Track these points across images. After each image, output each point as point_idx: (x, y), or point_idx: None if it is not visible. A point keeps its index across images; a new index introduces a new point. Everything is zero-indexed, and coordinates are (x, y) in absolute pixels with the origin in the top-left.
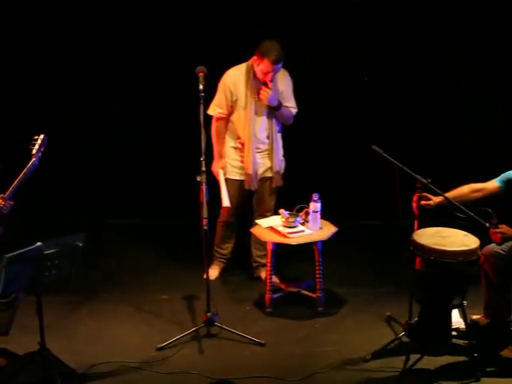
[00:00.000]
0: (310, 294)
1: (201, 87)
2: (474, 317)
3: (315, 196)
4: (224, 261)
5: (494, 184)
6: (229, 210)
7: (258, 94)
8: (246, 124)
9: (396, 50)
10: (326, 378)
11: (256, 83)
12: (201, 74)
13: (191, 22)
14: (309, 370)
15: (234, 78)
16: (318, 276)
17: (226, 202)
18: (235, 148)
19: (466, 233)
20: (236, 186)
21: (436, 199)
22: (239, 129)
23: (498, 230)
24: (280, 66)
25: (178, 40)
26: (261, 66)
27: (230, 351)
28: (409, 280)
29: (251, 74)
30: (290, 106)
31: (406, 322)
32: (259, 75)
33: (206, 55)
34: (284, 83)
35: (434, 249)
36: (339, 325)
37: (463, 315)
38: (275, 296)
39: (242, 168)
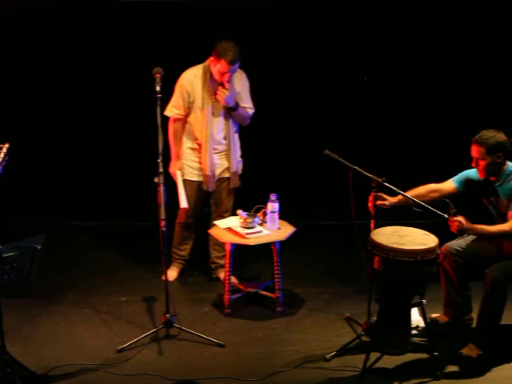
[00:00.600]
0: (269, 295)
1: (157, 88)
2: (434, 315)
3: (273, 196)
4: (183, 262)
5: (450, 184)
6: (186, 212)
7: (215, 94)
8: (203, 125)
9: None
10: (287, 378)
11: (213, 84)
12: (157, 76)
13: (146, 22)
14: (269, 369)
15: (191, 79)
16: (276, 276)
17: (183, 203)
18: (192, 149)
19: (424, 231)
20: (194, 187)
21: (391, 199)
22: (196, 130)
23: (455, 219)
24: (237, 66)
25: (133, 42)
26: (217, 67)
27: (190, 352)
28: (368, 280)
29: (208, 75)
30: (247, 106)
31: (366, 321)
32: (216, 76)
33: (162, 56)
34: (241, 84)
35: (393, 248)
36: (299, 325)
37: (423, 314)
38: (234, 297)
39: (200, 169)
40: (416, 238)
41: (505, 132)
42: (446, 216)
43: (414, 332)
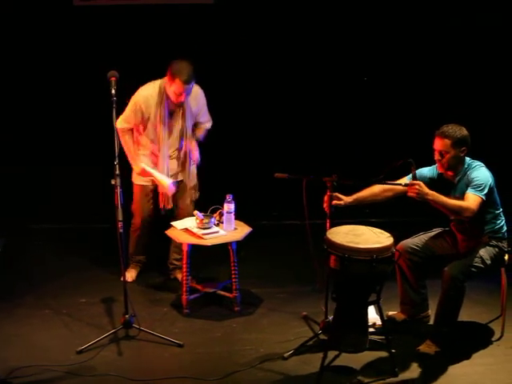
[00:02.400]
0: (227, 295)
1: (113, 92)
2: (391, 313)
3: (229, 197)
4: (140, 264)
5: (405, 182)
6: (141, 215)
7: (172, 114)
8: (159, 143)
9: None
10: (246, 377)
11: (169, 104)
12: (113, 79)
13: (100, 26)
14: (228, 369)
15: (147, 98)
16: (233, 276)
17: (166, 181)
18: (145, 155)
19: (379, 230)
20: (145, 192)
21: (347, 199)
22: (151, 144)
23: (414, 182)
24: (192, 85)
25: (87, 45)
26: (173, 87)
27: (149, 353)
28: (324, 278)
29: (164, 96)
30: (206, 120)
31: (323, 320)
32: (172, 97)
33: (117, 59)
34: (197, 101)
35: (348, 247)
36: (257, 324)
37: (379, 312)
38: (192, 297)
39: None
40: (371, 237)
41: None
42: (403, 184)
43: (370, 330)
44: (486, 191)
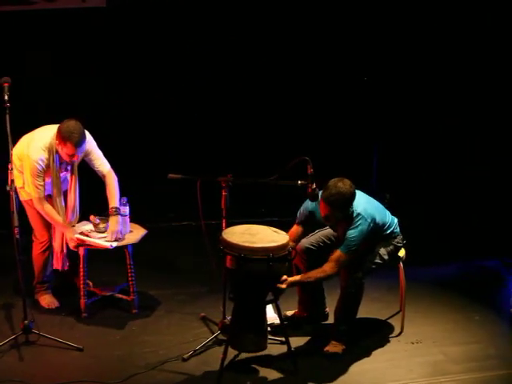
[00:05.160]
0: (125, 297)
1: (6, 98)
2: (289, 312)
3: (123, 200)
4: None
5: (296, 228)
6: (47, 227)
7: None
8: (53, 191)
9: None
10: (146, 379)
11: (59, 157)
12: (5, 85)
13: None
14: (129, 371)
15: (42, 160)
16: (130, 279)
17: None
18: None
19: (275, 229)
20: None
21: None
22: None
23: (282, 284)
24: (84, 146)
25: None
26: (65, 150)
27: (50, 357)
28: (221, 279)
29: (54, 154)
30: (101, 164)
31: (221, 320)
32: (65, 157)
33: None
34: (88, 151)
35: (244, 246)
36: (155, 326)
37: (278, 311)
38: (90, 301)
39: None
40: (267, 236)
41: None
42: (299, 183)
43: (269, 329)
44: (354, 250)
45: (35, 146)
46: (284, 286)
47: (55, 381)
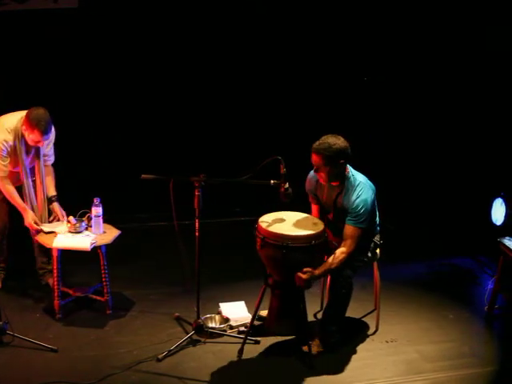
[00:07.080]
0: (98, 298)
1: None
2: (263, 312)
3: (96, 200)
4: (3, 271)
5: (315, 208)
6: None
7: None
8: (21, 174)
9: None
10: (121, 379)
11: (24, 141)
12: None
13: None
14: (103, 372)
15: (7, 142)
16: (104, 279)
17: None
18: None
19: (304, 214)
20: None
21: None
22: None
23: (307, 270)
24: (50, 135)
25: None
26: (31, 136)
27: (24, 359)
28: (194, 279)
29: (20, 138)
30: (52, 155)
31: (195, 320)
32: (31, 143)
33: None
34: (50, 140)
35: (287, 235)
36: (130, 326)
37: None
38: (64, 302)
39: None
40: (307, 225)
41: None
42: (271, 182)
43: (242, 329)
44: (366, 221)
45: (0, 129)
46: (305, 276)
47: (29, 382)
